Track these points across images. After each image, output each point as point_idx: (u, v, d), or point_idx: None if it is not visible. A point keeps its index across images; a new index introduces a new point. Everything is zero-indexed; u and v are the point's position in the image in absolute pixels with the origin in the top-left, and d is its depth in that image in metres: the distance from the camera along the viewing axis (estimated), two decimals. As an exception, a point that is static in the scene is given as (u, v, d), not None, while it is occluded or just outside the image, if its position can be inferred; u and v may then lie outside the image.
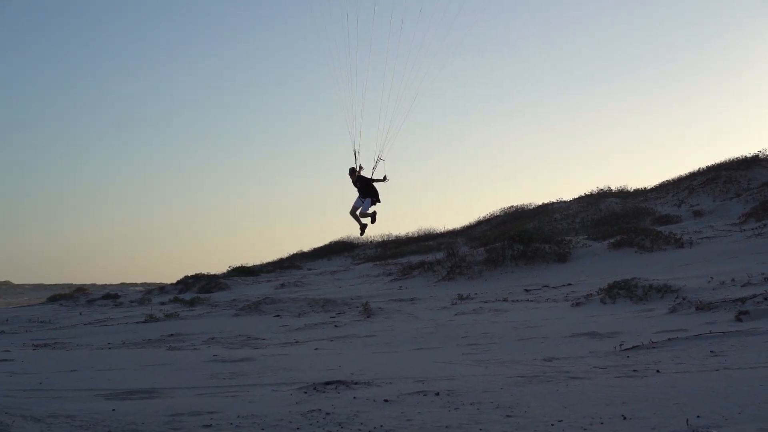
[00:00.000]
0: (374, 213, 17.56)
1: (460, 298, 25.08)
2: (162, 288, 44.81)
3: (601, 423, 6.95)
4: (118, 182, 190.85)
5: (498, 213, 58.88)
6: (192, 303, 30.97)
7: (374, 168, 17.17)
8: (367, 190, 17.47)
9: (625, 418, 7.08)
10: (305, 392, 9.55)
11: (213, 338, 18.87)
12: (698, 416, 6.93)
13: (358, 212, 17.61)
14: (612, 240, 34.04)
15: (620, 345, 12.86)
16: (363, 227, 17.72)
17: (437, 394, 8.93)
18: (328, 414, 7.99)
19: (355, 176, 17.42)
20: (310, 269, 48.96)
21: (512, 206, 59.86)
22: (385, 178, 17.43)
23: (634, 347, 12.46)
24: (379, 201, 17.59)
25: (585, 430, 6.75)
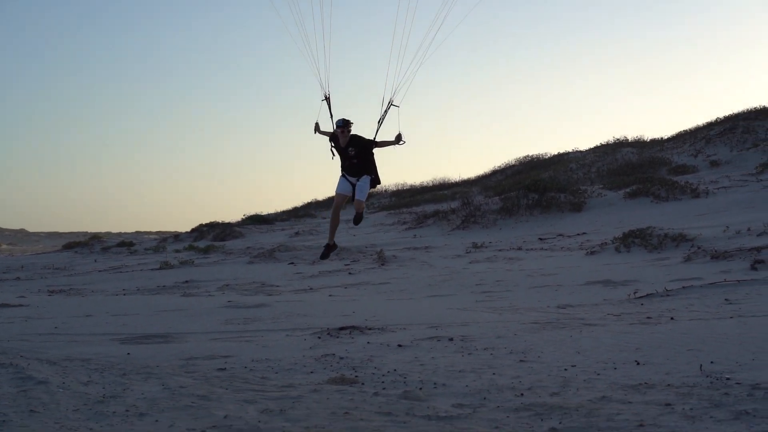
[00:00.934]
0: (363, 209, 12.31)
1: (475, 246, 25.04)
2: (176, 236, 44.81)
3: (615, 368, 6.94)
4: (135, 130, 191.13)
5: (513, 163, 58.54)
6: (206, 250, 31.02)
7: (381, 120, 11.92)
8: (365, 161, 11.82)
9: (638, 364, 7.07)
10: (319, 337, 9.57)
11: (227, 285, 18.93)
12: (712, 362, 6.91)
13: (347, 204, 12.49)
14: (627, 190, 33.87)
15: (634, 293, 12.83)
16: (357, 220, 12.45)
17: (451, 339, 8.95)
18: (342, 358, 8.01)
19: (347, 135, 11.68)
20: (324, 218, 48.88)
21: (528, 156, 59.50)
22: (399, 139, 11.69)
23: (648, 295, 12.43)
24: (379, 182, 12.25)
25: (598, 374, 6.74)
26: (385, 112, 12.20)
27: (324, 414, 5.45)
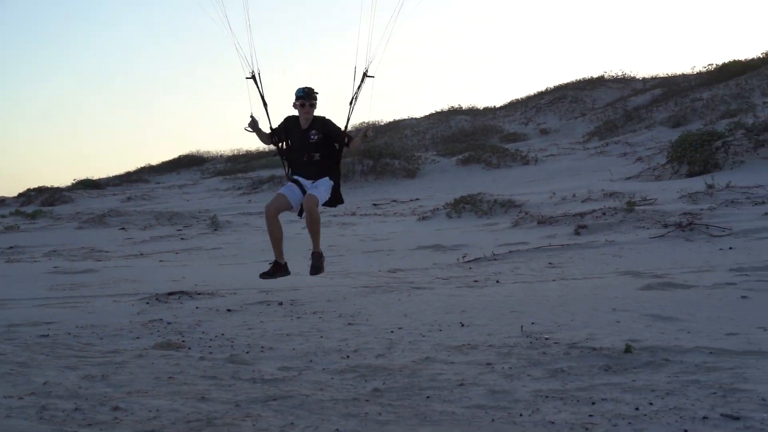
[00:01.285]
0: (317, 214, 9.57)
1: (309, 211, 25.04)
2: (2, 201, 43.28)
3: (440, 330, 7.07)
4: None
5: (350, 129, 58.80)
6: (33, 216, 30.00)
7: (354, 99, 9.89)
8: (329, 160, 9.76)
9: (462, 326, 7.22)
10: (147, 303, 9.41)
11: (54, 251, 18.38)
12: (533, 323, 7.12)
13: (297, 214, 10.02)
14: (460, 156, 34.56)
15: (463, 257, 13.11)
16: (313, 265, 9.81)
17: (281, 304, 8.94)
18: (169, 323, 7.90)
19: (310, 113, 9.52)
20: (158, 183, 48.12)
21: (364, 122, 59.92)
22: (366, 135, 10.37)
23: (476, 259, 12.72)
24: (341, 200, 10.41)
25: (423, 336, 6.86)
26: (359, 87, 9.85)
27: (147, 379, 5.36)
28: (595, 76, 56.37)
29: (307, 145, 9.64)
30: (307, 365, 5.90)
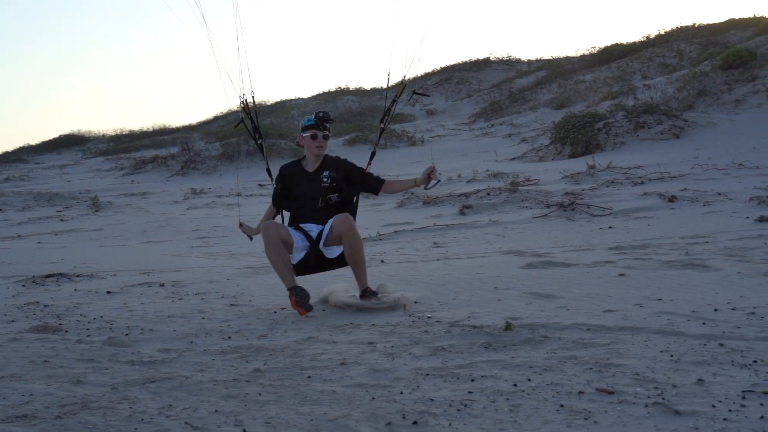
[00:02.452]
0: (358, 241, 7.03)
1: (193, 192, 24.78)
2: None
3: (323, 309, 7.06)
4: None
5: (236, 109, 58.14)
6: None
7: (388, 115, 7.58)
8: (347, 204, 7.40)
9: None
10: (23, 285, 9.16)
11: (-74, 233, 17.79)
12: (416, 302, 7.16)
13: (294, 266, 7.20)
14: (347, 137, 34.57)
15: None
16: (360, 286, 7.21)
17: (162, 285, 8.80)
18: (46, 306, 7.70)
19: (323, 147, 7.38)
20: (38, 163, 46.88)
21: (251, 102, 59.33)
22: (428, 180, 7.40)
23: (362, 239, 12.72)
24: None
25: (306, 316, 6.85)
26: (393, 102, 7.49)
27: (22, 363, 5.21)
28: (481, 57, 57.07)
29: (320, 189, 7.19)
30: (187, 347, 5.82)
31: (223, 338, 6.06)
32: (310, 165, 7.44)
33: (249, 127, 7.79)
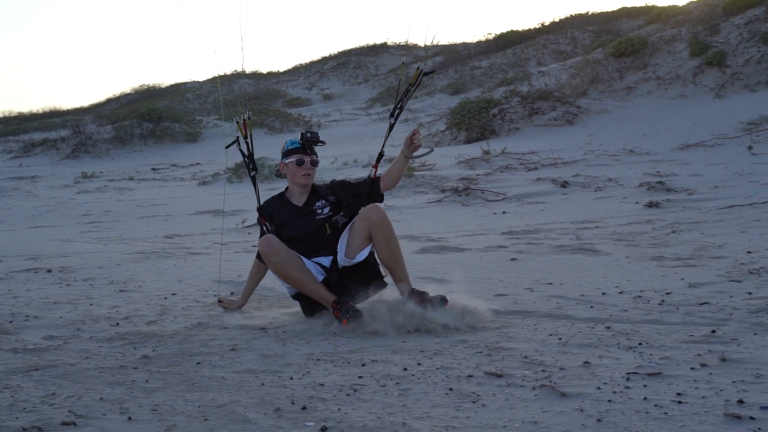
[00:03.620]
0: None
1: (84, 176, 24.26)
2: None
3: (215, 295, 6.97)
4: None
5: (129, 91, 57.32)
6: None
7: (403, 101, 6.76)
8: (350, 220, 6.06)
9: (232, 293, 7.16)
10: None
11: None
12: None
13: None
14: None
15: (243, 222, 12.99)
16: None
17: (49, 271, 8.59)
18: (-76, 294, 7.46)
19: (310, 174, 6.21)
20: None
21: (144, 85, 58.51)
22: (411, 146, 6.26)
23: (256, 224, 12.63)
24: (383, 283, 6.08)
25: (198, 302, 6.78)
26: (408, 91, 6.69)
27: None
28: (378, 42, 57.19)
29: (315, 223, 6.05)
30: (74, 334, 5.69)
31: (110, 325, 5.94)
32: (296, 198, 6.22)
33: (243, 149, 6.49)
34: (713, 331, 4.90)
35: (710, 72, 24.14)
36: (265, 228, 6.18)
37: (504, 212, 12.25)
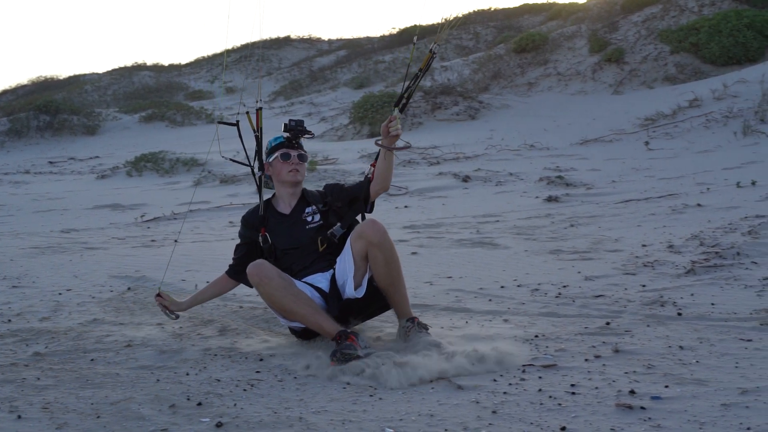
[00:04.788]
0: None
1: (-22, 169, 23.70)
2: None
3: (111, 291, 6.86)
4: None
5: (25, 83, 56.02)
6: None
7: (412, 88, 5.31)
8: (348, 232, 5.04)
9: (129, 289, 7.05)
10: None
11: None
12: (207, 281, 7.05)
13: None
14: (143, 114, 33.79)
15: (142, 216, 12.80)
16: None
17: (-65, 267, 8.36)
18: None
19: (299, 171, 5.18)
20: None
21: (41, 76, 57.23)
22: (391, 144, 5.18)
23: (155, 218, 12.45)
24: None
25: (93, 297, 6.66)
26: (416, 78, 5.42)
27: None
28: (281, 36, 56.90)
29: (306, 233, 5.12)
30: (-38, 331, 5.53)
31: (2, 321, 5.79)
32: (284, 203, 5.25)
33: (245, 146, 5.25)
34: (608, 323, 4.98)
35: (609, 68, 24.64)
36: (260, 241, 5.09)
37: (406, 206, 12.29)
